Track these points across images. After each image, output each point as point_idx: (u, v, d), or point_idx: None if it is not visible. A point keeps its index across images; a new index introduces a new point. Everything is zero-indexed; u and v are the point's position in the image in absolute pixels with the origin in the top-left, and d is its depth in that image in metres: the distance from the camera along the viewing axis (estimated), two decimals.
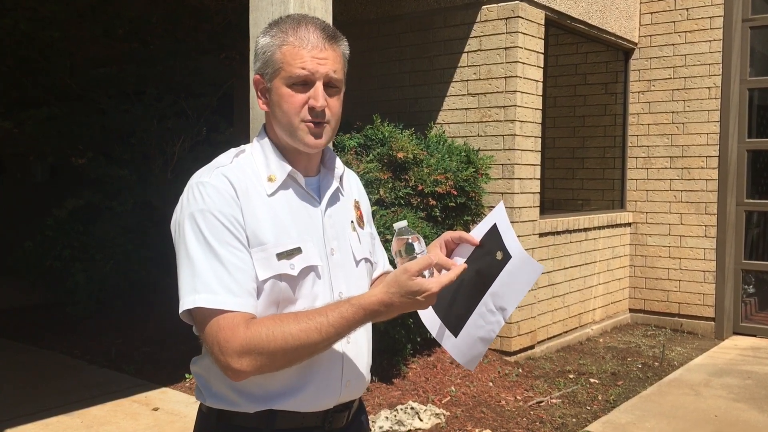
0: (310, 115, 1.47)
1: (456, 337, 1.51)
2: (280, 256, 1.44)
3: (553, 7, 5.84)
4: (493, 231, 1.52)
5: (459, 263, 1.53)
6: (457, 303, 1.51)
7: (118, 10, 6.94)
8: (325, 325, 1.36)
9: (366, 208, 1.73)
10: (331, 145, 1.61)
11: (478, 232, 1.56)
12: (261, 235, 1.43)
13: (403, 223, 1.48)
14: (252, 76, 1.60)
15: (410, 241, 1.44)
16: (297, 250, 1.46)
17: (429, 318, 1.56)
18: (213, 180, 1.44)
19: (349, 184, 1.68)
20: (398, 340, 4.82)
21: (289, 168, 1.51)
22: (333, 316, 1.37)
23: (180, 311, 1.41)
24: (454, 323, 1.51)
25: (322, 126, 1.49)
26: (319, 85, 1.46)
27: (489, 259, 1.50)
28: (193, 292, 1.38)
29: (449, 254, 1.58)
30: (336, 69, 1.48)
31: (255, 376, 1.43)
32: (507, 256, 1.47)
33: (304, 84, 1.46)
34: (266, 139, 1.55)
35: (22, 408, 4.45)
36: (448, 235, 1.58)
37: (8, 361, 5.58)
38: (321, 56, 1.46)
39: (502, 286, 1.47)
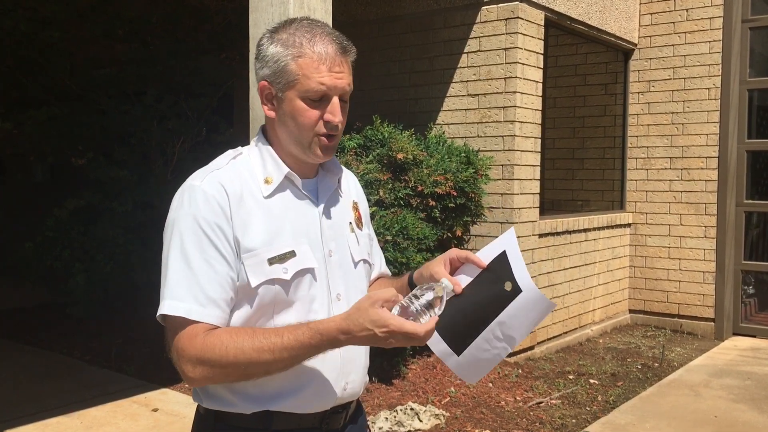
0: (326, 128, 1.47)
1: (459, 356, 1.49)
2: (272, 260, 1.43)
3: (552, 8, 5.85)
4: (502, 258, 1.49)
5: (463, 282, 1.50)
6: (461, 325, 1.48)
7: (118, 10, 6.95)
8: (278, 346, 1.34)
9: (364, 209, 1.73)
10: None
11: (485, 255, 1.52)
12: (253, 240, 1.43)
13: (450, 286, 1.44)
14: (252, 76, 1.60)
15: (439, 296, 1.38)
16: (290, 254, 1.45)
17: (434, 340, 1.50)
18: (204, 185, 1.43)
19: (348, 185, 1.68)
20: None
21: (286, 170, 1.51)
22: (288, 338, 1.34)
23: (157, 314, 1.42)
24: (458, 343, 1.48)
25: (334, 139, 1.50)
26: (336, 100, 1.46)
27: (497, 287, 1.47)
28: (162, 298, 1.40)
29: (453, 272, 1.55)
30: (350, 82, 1.49)
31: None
32: (517, 290, 1.44)
33: (320, 99, 1.45)
34: (264, 141, 1.54)
35: (22, 408, 4.45)
36: (454, 252, 1.55)
37: (8, 361, 5.58)
38: (338, 70, 1.45)
39: (510, 318, 1.45)
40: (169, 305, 1.38)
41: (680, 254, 7.03)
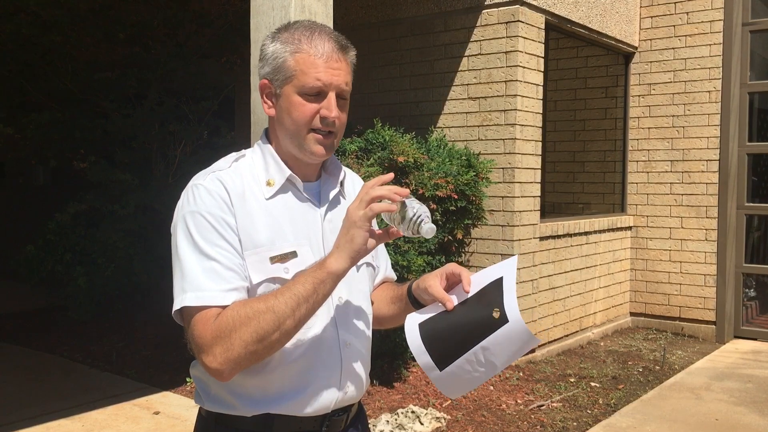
0: (321, 124, 1.47)
1: (441, 371, 1.47)
2: (274, 259, 1.44)
3: (553, 11, 5.86)
4: (498, 284, 1.47)
5: (456, 301, 1.49)
6: (448, 341, 1.47)
7: (119, 14, 6.97)
8: (283, 287, 1.36)
9: None
10: None
11: (482, 277, 1.51)
12: (255, 238, 1.44)
13: (432, 229, 1.40)
14: (253, 80, 1.61)
15: (412, 210, 1.39)
16: (292, 254, 1.46)
17: (415, 345, 1.51)
18: (206, 183, 1.45)
19: (353, 187, 1.68)
20: (399, 344, 4.83)
21: (288, 172, 1.51)
22: (294, 279, 1.37)
23: (172, 312, 1.41)
24: (441, 358, 1.47)
25: (331, 137, 1.50)
26: (332, 95, 1.47)
27: (486, 312, 1.45)
28: (182, 292, 1.38)
29: (450, 287, 1.54)
30: (347, 81, 1.49)
31: (253, 378, 1.44)
32: (504, 319, 1.43)
33: (317, 94, 1.46)
34: (267, 144, 1.55)
35: (23, 411, 4.46)
36: (451, 267, 1.54)
37: (9, 364, 5.59)
38: (335, 66, 1.46)
39: (494, 345, 1.43)
40: (191, 297, 1.37)
41: (681, 257, 7.03)
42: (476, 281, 1.51)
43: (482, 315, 1.45)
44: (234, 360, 1.34)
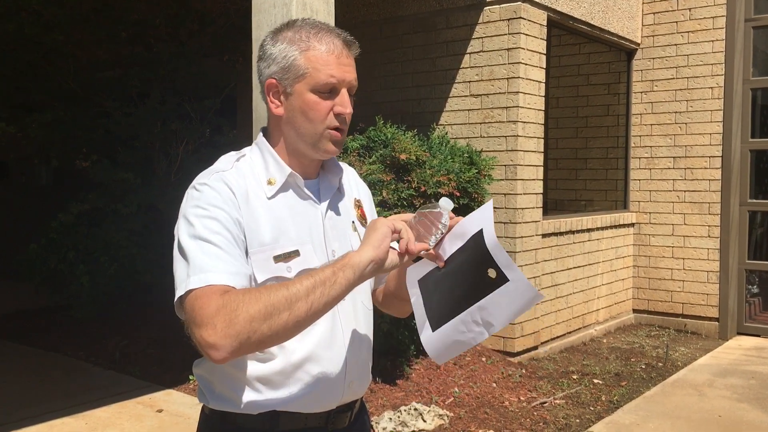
0: (337, 121, 1.48)
1: (433, 331, 1.46)
2: (278, 258, 1.44)
3: (555, 8, 5.85)
4: (478, 238, 1.40)
5: (446, 254, 1.45)
6: (439, 299, 1.45)
7: (121, 13, 6.97)
8: (307, 276, 1.32)
9: (369, 205, 1.72)
10: None
11: (463, 229, 1.44)
12: (260, 237, 1.44)
13: (450, 205, 1.41)
14: (254, 80, 1.61)
15: (438, 226, 1.41)
16: (295, 253, 1.46)
17: (417, 304, 1.49)
18: (210, 182, 1.44)
19: (349, 183, 1.68)
20: (402, 341, 4.83)
21: (288, 170, 1.51)
22: (319, 270, 1.34)
23: (175, 300, 1.37)
24: (434, 317, 1.45)
25: (343, 133, 1.51)
26: (345, 92, 1.48)
27: (479, 272, 1.40)
28: (185, 278, 1.35)
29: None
30: (356, 77, 1.51)
31: (258, 376, 1.44)
32: (502, 279, 1.38)
33: (330, 91, 1.47)
34: (266, 143, 1.55)
35: (27, 410, 4.47)
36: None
37: (13, 363, 5.60)
38: (345, 62, 1.48)
39: (492, 304, 1.39)
40: (196, 279, 1.32)
41: (684, 254, 7.03)
42: (458, 233, 1.45)
43: (475, 275, 1.41)
44: (235, 336, 1.24)
